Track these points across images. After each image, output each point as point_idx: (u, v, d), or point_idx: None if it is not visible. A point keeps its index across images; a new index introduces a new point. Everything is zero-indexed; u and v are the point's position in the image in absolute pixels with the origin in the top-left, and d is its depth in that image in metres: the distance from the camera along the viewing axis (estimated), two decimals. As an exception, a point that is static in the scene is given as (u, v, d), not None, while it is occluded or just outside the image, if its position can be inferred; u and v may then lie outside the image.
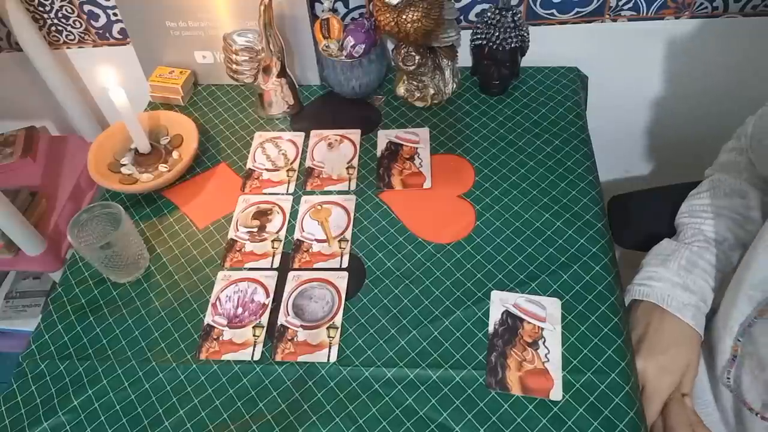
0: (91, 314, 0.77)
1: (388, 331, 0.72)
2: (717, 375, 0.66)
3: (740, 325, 0.61)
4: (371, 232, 0.82)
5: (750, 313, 0.60)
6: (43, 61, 1.06)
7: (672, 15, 0.97)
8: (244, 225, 0.84)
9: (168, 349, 0.73)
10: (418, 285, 0.76)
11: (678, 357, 0.66)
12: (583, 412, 0.63)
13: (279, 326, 0.73)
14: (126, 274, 0.79)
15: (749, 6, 0.94)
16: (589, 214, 0.80)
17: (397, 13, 0.82)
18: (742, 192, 0.73)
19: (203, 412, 0.68)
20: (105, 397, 0.70)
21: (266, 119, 0.99)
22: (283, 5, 0.92)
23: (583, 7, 0.96)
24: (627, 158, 1.24)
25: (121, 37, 1.08)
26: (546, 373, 0.66)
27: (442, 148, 0.91)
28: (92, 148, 0.90)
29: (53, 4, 1.03)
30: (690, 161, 0.92)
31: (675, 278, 0.69)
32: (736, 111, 0.83)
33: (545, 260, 0.76)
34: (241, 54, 0.90)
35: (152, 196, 0.90)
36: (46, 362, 0.73)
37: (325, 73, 0.98)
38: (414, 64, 0.90)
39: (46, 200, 1.09)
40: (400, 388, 0.67)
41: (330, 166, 0.90)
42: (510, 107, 0.95)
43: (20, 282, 1.30)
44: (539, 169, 0.86)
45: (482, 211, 0.82)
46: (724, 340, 0.64)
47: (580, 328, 0.69)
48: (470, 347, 0.69)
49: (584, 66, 1.01)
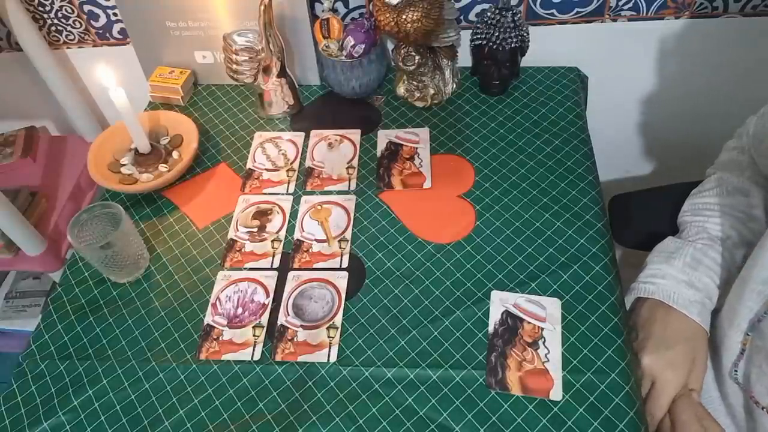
0: (91, 314, 0.77)
1: (388, 331, 0.72)
2: (723, 371, 0.66)
3: (749, 321, 0.62)
4: (371, 232, 0.82)
5: (759, 309, 0.61)
6: (43, 61, 1.06)
7: (672, 15, 0.97)
8: (244, 225, 0.84)
9: (168, 349, 0.73)
10: (418, 285, 0.76)
11: (685, 353, 0.66)
12: (583, 412, 0.63)
13: (279, 326, 0.73)
14: (126, 274, 0.79)
15: (749, 6, 0.94)
16: (589, 214, 0.80)
17: (397, 13, 0.82)
18: (745, 190, 0.73)
19: (203, 412, 0.68)
20: (105, 397, 0.70)
21: (266, 119, 0.99)
22: (283, 5, 0.93)
23: (583, 7, 0.96)
24: (627, 158, 1.24)
25: (121, 37, 1.08)
26: (546, 373, 0.66)
27: (442, 148, 0.91)
28: (92, 148, 0.90)
29: (53, 4, 1.03)
30: (690, 161, 0.92)
31: (680, 275, 0.69)
32: (735, 111, 0.84)
33: (545, 260, 0.76)
34: (241, 54, 0.90)
35: (152, 196, 0.90)
36: (46, 362, 0.73)
37: (325, 73, 0.98)
38: (414, 64, 0.90)
39: (46, 200, 1.09)
40: (400, 388, 0.67)
41: (330, 166, 0.90)
42: (510, 107, 0.95)
43: (20, 282, 1.30)
44: (539, 169, 0.86)
45: (482, 211, 0.82)
46: (731, 337, 0.64)
47: (580, 328, 0.69)
48: (470, 347, 0.69)
49: (584, 66, 1.01)
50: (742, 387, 0.63)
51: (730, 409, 0.67)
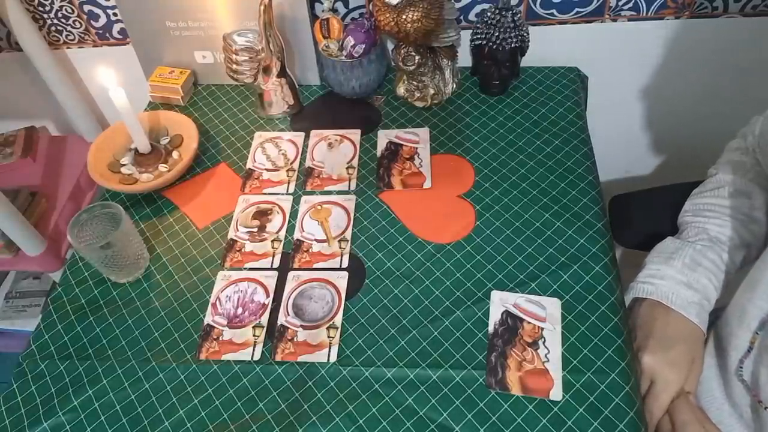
0: (91, 314, 0.77)
1: (388, 331, 0.72)
2: (729, 370, 0.66)
3: (759, 320, 0.61)
4: (371, 232, 0.82)
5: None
6: (43, 61, 1.06)
7: (672, 15, 0.97)
8: (244, 225, 0.84)
9: (168, 349, 0.73)
10: (418, 285, 0.76)
11: (685, 353, 0.66)
12: (583, 412, 0.63)
13: (279, 326, 0.73)
14: (126, 274, 0.79)
15: (749, 6, 0.94)
16: (589, 214, 0.80)
17: (397, 13, 0.82)
18: (747, 192, 0.73)
19: (203, 412, 0.68)
20: (105, 397, 0.70)
21: (266, 119, 0.99)
22: (283, 5, 0.92)
23: (583, 7, 0.96)
24: (627, 158, 1.24)
25: (121, 37, 1.08)
26: (546, 373, 0.66)
27: (442, 148, 0.91)
28: (92, 148, 0.90)
29: (53, 4, 1.03)
30: (690, 161, 0.92)
31: (679, 276, 0.69)
32: (735, 111, 0.84)
33: (545, 260, 0.76)
34: (241, 54, 0.90)
35: (152, 196, 0.90)
36: (46, 362, 0.73)
37: (325, 73, 0.98)
38: (414, 64, 0.90)
39: (46, 200, 1.09)
40: (400, 388, 0.67)
41: (330, 166, 0.90)
42: (510, 107, 0.95)
43: (20, 282, 1.30)
44: (539, 169, 0.86)
45: (482, 211, 0.82)
46: (739, 336, 0.64)
47: (580, 328, 0.69)
48: (470, 347, 0.69)
49: (584, 66, 1.01)
50: (747, 386, 0.63)
51: (735, 409, 0.66)
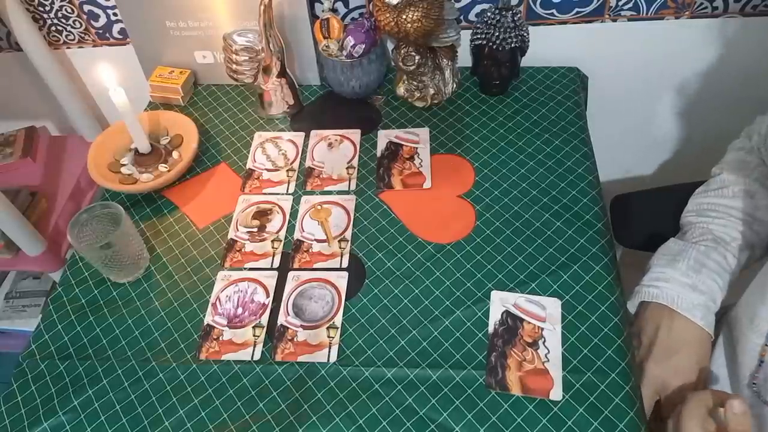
0: (91, 314, 0.77)
1: (388, 331, 0.72)
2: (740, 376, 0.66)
3: None
4: (371, 232, 0.82)
5: None
6: (43, 61, 1.06)
7: (672, 15, 0.97)
8: (244, 225, 0.84)
9: (168, 349, 0.73)
10: (418, 285, 0.76)
11: (690, 356, 0.66)
12: (583, 412, 0.63)
13: (279, 326, 0.73)
14: (126, 274, 0.79)
15: (749, 6, 0.94)
16: (589, 214, 0.80)
17: (397, 13, 0.81)
18: (751, 192, 0.73)
19: (203, 412, 0.68)
20: (105, 397, 0.70)
21: (266, 119, 0.99)
22: (283, 5, 0.92)
23: (583, 7, 0.96)
24: (627, 158, 1.24)
25: (121, 37, 1.08)
26: (546, 373, 0.66)
27: (442, 148, 0.91)
28: (92, 148, 0.90)
29: (53, 4, 1.03)
30: (690, 161, 0.92)
31: (683, 279, 0.69)
32: (736, 111, 0.84)
33: (545, 260, 0.76)
34: (241, 54, 0.90)
35: (152, 196, 0.90)
36: (46, 362, 0.73)
37: (325, 73, 0.98)
38: (414, 64, 0.90)
39: (46, 200, 1.09)
40: (400, 388, 0.67)
41: (330, 166, 0.90)
42: (510, 107, 0.95)
43: (20, 282, 1.30)
44: (539, 169, 0.86)
45: (482, 211, 0.82)
46: (749, 338, 0.63)
47: (580, 328, 0.69)
48: (470, 347, 0.69)
49: (584, 66, 1.01)
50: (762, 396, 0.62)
51: None
